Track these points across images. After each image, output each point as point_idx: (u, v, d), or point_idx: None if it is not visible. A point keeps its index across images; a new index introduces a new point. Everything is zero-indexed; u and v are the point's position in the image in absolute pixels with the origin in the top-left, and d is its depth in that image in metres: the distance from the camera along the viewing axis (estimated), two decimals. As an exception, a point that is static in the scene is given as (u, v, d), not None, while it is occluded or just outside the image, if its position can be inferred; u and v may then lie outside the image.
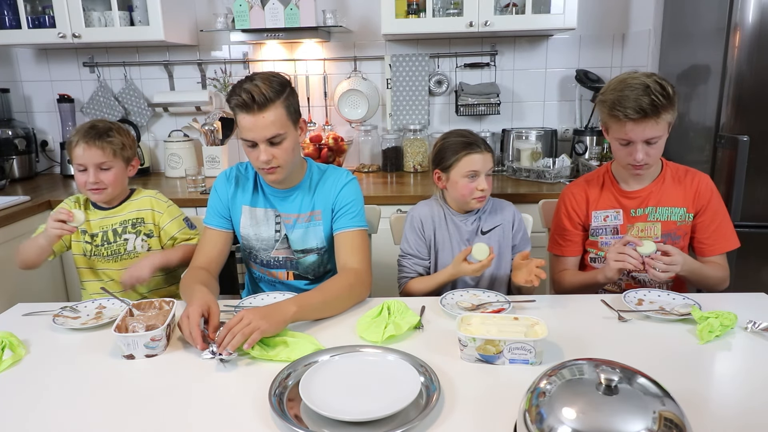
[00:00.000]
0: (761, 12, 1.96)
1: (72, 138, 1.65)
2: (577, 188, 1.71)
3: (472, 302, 1.45)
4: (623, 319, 1.34)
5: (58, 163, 3.08)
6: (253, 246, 1.64)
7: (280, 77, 1.47)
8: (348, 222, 1.58)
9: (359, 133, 2.96)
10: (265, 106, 1.41)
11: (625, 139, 1.50)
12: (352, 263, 1.52)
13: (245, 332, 1.15)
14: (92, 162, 1.63)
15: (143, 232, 1.73)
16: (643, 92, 1.42)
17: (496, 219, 1.69)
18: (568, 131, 2.92)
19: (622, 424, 0.73)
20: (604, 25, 2.81)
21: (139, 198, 1.77)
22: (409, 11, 2.61)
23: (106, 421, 0.98)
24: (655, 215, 1.61)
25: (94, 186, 1.64)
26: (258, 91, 1.39)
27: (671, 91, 1.44)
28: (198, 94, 2.90)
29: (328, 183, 1.61)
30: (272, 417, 0.96)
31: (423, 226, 1.68)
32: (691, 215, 1.60)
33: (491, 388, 1.06)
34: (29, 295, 2.24)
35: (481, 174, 1.61)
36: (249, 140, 1.46)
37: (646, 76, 1.46)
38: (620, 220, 1.63)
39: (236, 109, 1.44)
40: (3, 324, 1.38)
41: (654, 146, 1.50)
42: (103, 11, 2.68)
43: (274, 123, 1.43)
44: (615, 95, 1.47)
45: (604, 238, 1.66)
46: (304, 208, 1.61)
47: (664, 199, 1.60)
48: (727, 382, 1.10)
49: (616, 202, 1.64)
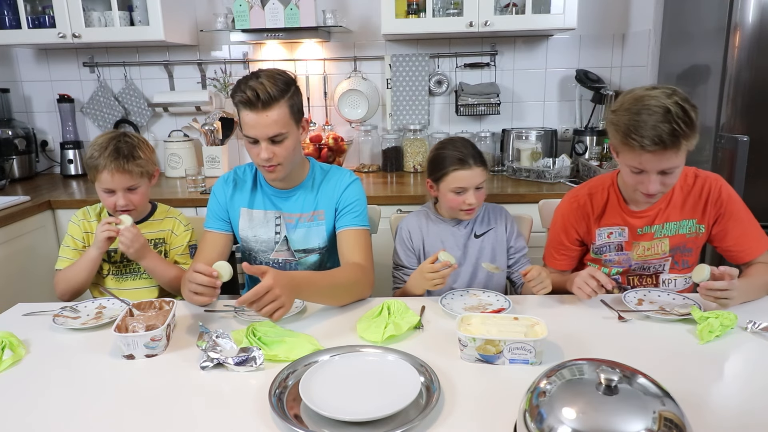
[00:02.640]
0: (761, 12, 1.96)
1: (97, 162, 1.57)
2: (578, 203, 1.57)
3: (471, 303, 1.46)
4: (623, 319, 1.34)
5: (58, 163, 3.08)
6: (252, 248, 1.65)
7: (285, 75, 1.47)
8: (351, 220, 1.58)
9: (359, 133, 2.96)
10: (269, 105, 1.41)
11: (638, 168, 1.35)
12: (357, 259, 1.52)
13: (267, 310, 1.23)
14: (121, 186, 1.59)
15: (162, 251, 1.71)
16: (663, 118, 1.25)
17: (490, 223, 1.70)
18: (568, 131, 2.92)
19: (622, 424, 0.73)
20: (604, 25, 2.81)
21: (163, 218, 1.74)
22: (409, 11, 2.61)
23: (106, 421, 0.98)
24: (662, 232, 1.50)
25: (125, 207, 1.61)
26: (263, 89, 1.39)
27: (694, 116, 1.27)
28: (198, 94, 2.90)
29: (331, 182, 1.61)
30: (272, 417, 0.96)
31: (411, 236, 1.69)
32: (702, 227, 1.49)
33: (491, 388, 1.06)
34: (29, 295, 2.24)
35: (468, 189, 1.58)
36: (251, 137, 1.46)
37: (666, 95, 1.27)
38: (625, 237, 1.53)
39: (240, 105, 1.44)
40: (3, 324, 1.38)
41: (670, 176, 1.34)
42: (103, 11, 2.68)
43: (277, 122, 1.43)
44: (630, 119, 1.29)
45: (608, 256, 1.57)
46: (307, 208, 1.61)
47: (673, 215, 1.49)
48: (727, 382, 1.10)
49: (621, 219, 1.52)
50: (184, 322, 1.37)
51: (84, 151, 3.01)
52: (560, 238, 1.62)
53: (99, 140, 1.61)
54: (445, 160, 1.60)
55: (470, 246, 1.67)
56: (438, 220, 1.69)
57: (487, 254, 1.67)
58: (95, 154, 1.58)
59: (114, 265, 1.68)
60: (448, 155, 1.60)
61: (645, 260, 1.55)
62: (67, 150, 2.97)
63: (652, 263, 1.55)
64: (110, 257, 1.67)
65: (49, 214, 2.44)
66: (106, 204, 1.65)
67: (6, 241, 2.19)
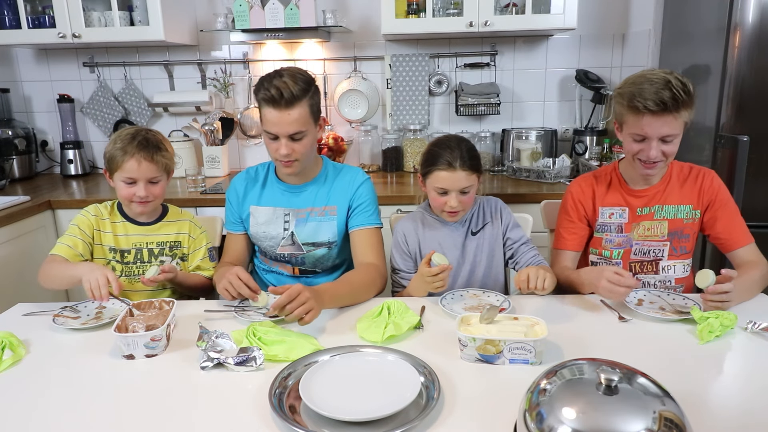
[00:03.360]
0: (761, 12, 1.96)
1: (125, 150, 1.55)
2: (585, 182, 1.69)
3: (471, 303, 1.46)
4: (623, 319, 1.34)
5: (58, 163, 3.08)
6: (261, 243, 1.71)
7: (306, 75, 1.53)
8: (366, 219, 1.64)
9: (359, 133, 2.96)
10: (291, 104, 1.47)
11: (640, 135, 1.46)
12: (371, 259, 1.60)
13: (300, 312, 1.26)
14: (144, 176, 1.57)
15: (178, 255, 1.70)
16: (664, 86, 1.39)
17: (485, 218, 1.68)
18: (568, 131, 2.92)
19: (622, 424, 0.73)
20: (604, 25, 2.81)
21: (178, 221, 1.71)
22: (409, 11, 2.61)
23: (106, 421, 0.98)
24: (661, 213, 1.59)
25: (143, 199, 1.59)
26: (287, 88, 1.45)
27: (691, 88, 1.42)
28: (198, 94, 2.90)
29: (345, 179, 1.67)
30: (272, 417, 0.96)
31: (406, 240, 1.67)
32: (698, 212, 1.59)
33: (491, 388, 1.06)
34: (29, 295, 2.24)
35: (450, 192, 1.55)
36: (272, 133, 1.51)
37: (665, 72, 1.44)
38: (625, 218, 1.61)
39: (263, 102, 1.49)
40: (3, 324, 1.38)
41: (669, 144, 1.46)
42: (103, 11, 2.68)
43: (297, 120, 1.49)
44: (634, 88, 1.43)
45: (608, 236, 1.64)
46: (318, 202, 1.65)
47: (670, 198, 1.59)
48: (727, 382, 1.10)
49: (623, 199, 1.62)
50: (184, 322, 1.37)
51: (84, 152, 3.02)
52: (569, 216, 1.68)
53: (123, 132, 1.59)
54: (434, 157, 1.57)
55: (468, 245, 1.66)
56: (433, 221, 1.67)
57: (485, 251, 1.65)
58: (121, 143, 1.56)
59: (126, 266, 1.65)
60: (438, 153, 1.56)
61: (645, 240, 1.60)
62: (67, 150, 2.97)
63: (652, 246, 1.61)
64: (123, 258, 1.65)
65: (49, 214, 2.44)
66: (124, 194, 1.59)
67: (6, 241, 2.19)
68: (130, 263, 1.65)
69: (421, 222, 1.69)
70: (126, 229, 1.66)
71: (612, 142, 2.63)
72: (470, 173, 1.54)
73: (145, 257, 1.66)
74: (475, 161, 1.56)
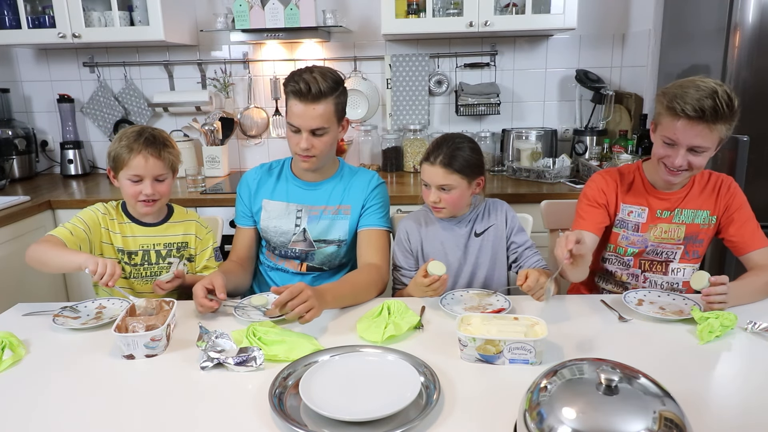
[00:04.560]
0: (761, 12, 1.96)
1: (131, 147, 1.54)
2: (609, 176, 1.66)
3: (472, 303, 1.46)
4: (623, 319, 1.34)
5: (58, 163, 3.08)
6: (270, 238, 1.71)
7: (336, 75, 1.57)
8: (376, 221, 1.67)
9: (359, 133, 2.96)
10: (318, 99, 1.51)
11: (671, 139, 1.43)
12: (375, 260, 1.61)
13: (301, 309, 1.26)
14: (151, 174, 1.55)
15: (185, 256, 1.69)
16: (709, 95, 1.36)
17: (490, 220, 1.68)
18: (568, 131, 2.92)
19: (622, 424, 0.73)
20: (604, 25, 2.81)
21: (184, 221, 1.70)
22: (409, 11, 2.61)
23: (106, 421, 0.98)
24: (680, 217, 1.58)
25: (149, 198, 1.57)
26: (315, 83, 1.49)
27: (736, 105, 1.38)
28: (198, 94, 2.90)
29: (362, 180, 1.70)
30: (272, 417, 0.96)
31: (409, 238, 1.68)
32: (714, 218, 1.57)
33: (491, 388, 1.06)
34: (29, 295, 2.24)
35: (431, 186, 1.57)
36: (295, 126, 1.55)
37: (716, 83, 1.40)
38: (644, 218, 1.59)
39: (290, 94, 1.53)
40: (3, 324, 1.38)
41: (698, 156, 1.43)
42: (103, 11, 2.68)
43: (321, 116, 1.53)
44: (679, 90, 1.40)
45: (625, 232, 1.62)
46: (333, 201, 1.68)
47: (690, 202, 1.58)
48: (727, 382, 1.10)
49: (644, 200, 1.60)
50: (184, 322, 1.37)
51: (84, 152, 3.02)
52: (590, 201, 1.63)
53: (128, 131, 1.58)
54: (427, 150, 1.61)
55: (470, 245, 1.66)
56: (437, 219, 1.68)
57: (488, 253, 1.65)
58: (127, 140, 1.55)
59: (135, 268, 1.64)
60: (430, 147, 1.61)
61: (660, 242, 1.60)
62: (67, 150, 2.96)
63: (666, 248, 1.60)
64: (131, 260, 1.63)
65: (49, 214, 2.44)
66: (130, 193, 1.57)
67: (6, 241, 2.19)
68: (137, 265, 1.64)
69: (424, 221, 1.69)
70: (132, 230, 1.64)
71: (612, 142, 2.63)
72: (449, 172, 1.54)
73: (152, 259, 1.64)
74: (459, 163, 1.54)
